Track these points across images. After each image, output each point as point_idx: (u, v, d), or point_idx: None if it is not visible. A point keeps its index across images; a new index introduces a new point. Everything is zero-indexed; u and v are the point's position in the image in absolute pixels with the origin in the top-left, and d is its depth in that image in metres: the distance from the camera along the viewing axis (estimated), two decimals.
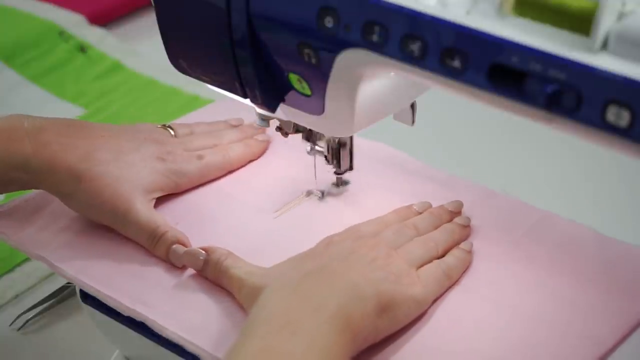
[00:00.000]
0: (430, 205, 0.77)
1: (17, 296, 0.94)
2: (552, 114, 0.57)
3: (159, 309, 0.72)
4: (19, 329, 0.91)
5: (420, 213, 0.76)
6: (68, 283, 0.94)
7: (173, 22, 0.74)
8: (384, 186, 0.81)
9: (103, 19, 1.39)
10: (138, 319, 0.72)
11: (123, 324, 0.78)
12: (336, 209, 0.79)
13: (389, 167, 0.84)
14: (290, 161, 0.84)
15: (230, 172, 0.84)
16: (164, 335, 0.71)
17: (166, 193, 0.80)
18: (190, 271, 0.74)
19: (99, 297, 0.74)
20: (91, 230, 0.79)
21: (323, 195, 0.81)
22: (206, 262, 0.73)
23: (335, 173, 0.80)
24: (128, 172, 0.77)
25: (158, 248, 0.75)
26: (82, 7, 1.38)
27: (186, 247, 0.75)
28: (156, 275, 0.75)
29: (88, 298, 0.80)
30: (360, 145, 0.81)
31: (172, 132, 0.84)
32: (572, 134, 0.58)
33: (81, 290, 0.81)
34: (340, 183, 0.81)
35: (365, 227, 0.74)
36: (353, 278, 0.66)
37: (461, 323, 0.69)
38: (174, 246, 0.75)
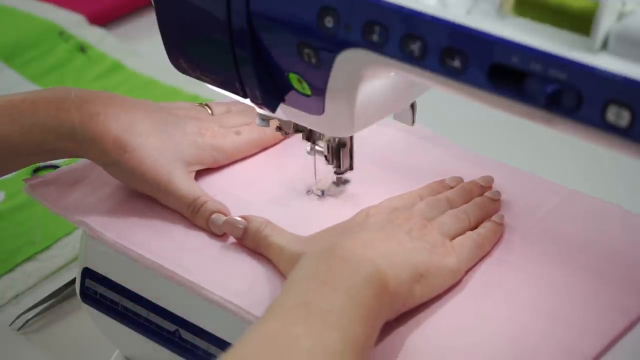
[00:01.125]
0: (462, 180, 0.79)
1: (17, 296, 0.94)
2: (552, 114, 0.57)
3: (199, 273, 0.73)
4: (19, 329, 0.91)
5: (452, 187, 0.78)
6: (68, 283, 0.94)
7: (173, 22, 0.74)
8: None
9: (103, 19, 1.39)
10: (178, 281, 0.73)
11: (123, 324, 0.78)
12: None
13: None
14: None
15: (266, 149, 0.86)
16: (203, 296, 0.72)
17: (205, 167, 0.82)
18: (231, 240, 0.76)
19: (141, 261, 0.75)
20: (132, 200, 0.80)
21: (323, 194, 0.81)
22: (246, 230, 0.74)
23: (335, 173, 0.80)
24: (169, 144, 0.80)
25: (198, 217, 0.77)
26: (82, 7, 1.38)
27: (226, 216, 0.76)
28: (197, 242, 0.76)
29: (88, 298, 0.80)
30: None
31: (210, 111, 0.86)
32: (572, 134, 0.58)
33: (81, 290, 0.81)
34: (340, 182, 0.81)
35: (400, 200, 0.76)
36: (392, 246, 0.68)
37: (494, 292, 0.70)
38: (214, 215, 0.76)
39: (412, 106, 0.76)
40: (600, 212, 0.78)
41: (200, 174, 0.82)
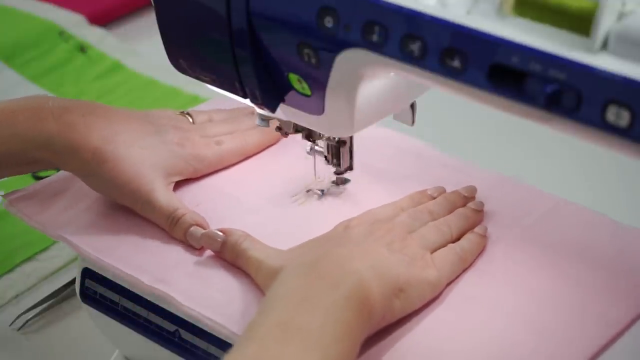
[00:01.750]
0: (444, 190, 0.78)
1: (17, 296, 0.94)
2: (552, 114, 0.57)
3: (178, 287, 0.72)
4: (19, 329, 0.91)
5: (435, 198, 0.77)
6: (68, 283, 0.94)
7: (173, 22, 0.74)
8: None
9: (103, 19, 1.39)
10: (158, 297, 0.73)
11: (123, 324, 0.78)
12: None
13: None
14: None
15: (247, 158, 0.85)
16: (182, 312, 0.71)
17: (185, 178, 0.82)
18: (209, 253, 0.75)
19: (120, 276, 0.75)
20: (112, 212, 0.80)
21: (323, 194, 0.81)
22: (224, 244, 0.74)
23: (335, 173, 0.80)
24: (149, 154, 0.79)
25: (176, 230, 0.76)
26: (82, 7, 1.38)
27: (204, 229, 0.76)
28: (176, 255, 0.76)
29: (88, 298, 0.80)
30: (369, 135, 0.81)
31: (191, 119, 0.85)
32: (572, 134, 0.58)
33: (81, 290, 0.81)
34: (340, 182, 0.81)
35: (381, 211, 0.75)
36: (370, 259, 0.67)
37: (475, 305, 0.70)
38: (192, 228, 0.76)
39: (412, 106, 0.76)
40: (587, 221, 0.76)
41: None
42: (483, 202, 0.77)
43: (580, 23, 0.56)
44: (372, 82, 0.70)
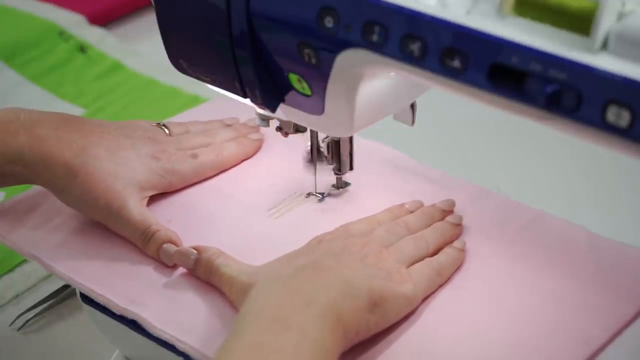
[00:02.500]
0: (422, 204, 0.78)
1: (17, 296, 0.94)
2: (552, 114, 0.57)
3: (151, 308, 0.72)
4: (19, 329, 0.91)
5: (412, 211, 0.77)
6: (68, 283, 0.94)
7: (173, 22, 0.74)
8: (384, 187, 0.81)
9: (103, 19, 1.39)
10: (130, 317, 0.72)
11: (123, 324, 0.78)
12: (336, 210, 0.79)
13: (389, 168, 0.84)
14: (290, 161, 0.84)
15: (224, 171, 0.84)
16: (155, 334, 0.71)
17: (159, 192, 0.81)
18: (182, 270, 0.75)
19: (92, 296, 0.74)
20: (85, 229, 0.79)
21: (323, 197, 0.81)
22: (197, 261, 0.73)
23: (335, 173, 0.80)
24: (123, 168, 0.78)
25: (149, 247, 0.76)
26: (82, 7, 1.38)
27: (177, 246, 0.75)
28: (148, 274, 0.75)
29: (88, 298, 0.80)
30: (360, 145, 0.81)
31: (167, 131, 0.84)
32: (572, 134, 0.58)
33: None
34: (340, 185, 0.81)
35: (357, 225, 0.74)
36: (344, 274, 0.66)
37: (452, 321, 0.69)
38: (165, 245, 0.75)
39: (412, 106, 0.76)
40: (566, 235, 0.75)
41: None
42: (462, 215, 0.76)
43: (580, 23, 0.56)
44: (372, 82, 0.70)
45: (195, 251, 0.73)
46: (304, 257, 0.69)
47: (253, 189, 0.82)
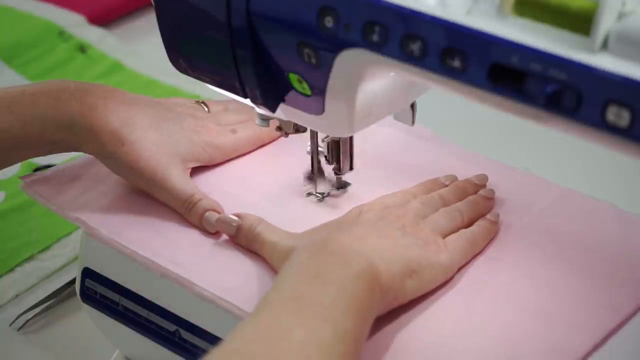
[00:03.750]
0: (456, 178, 0.79)
1: (17, 296, 0.94)
2: (552, 114, 0.57)
3: (191, 270, 0.73)
4: (19, 329, 0.91)
5: (447, 185, 0.78)
6: (68, 283, 0.94)
7: (173, 22, 0.74)
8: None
9: (103, 19, 1.39)
10: (171, 279, 0.73)
11: (123, 324, 0.78)
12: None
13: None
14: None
15: (262, 146, 0.86)
16: (195, 293, 0.72)
17: (200, 164, 0.82)
18: (224, 237, 0.76)
19: (134, 258, 0.75)
20: (128, 197, 0.80)
21: (323, 197, 0.81)
22: (239, 228, 0.74)
23: (335, 173, 0.80)
24: (166, 139, 0.80)
25: (192, 215, 0.77)
26: (82, 7, 1.38)
27: (219, 214, 0.76)
28: (190, 240, 0.76)
29: (88, 298, 0.80)
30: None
31: (206, 108, 0.86)
32: (572, 134, 0.58)
33: (81, 290, 0.81)
34: (341, 185, 0.81)
35: (393, 197, 0.76)
36: (383, 241, 0.68)
37: (485, 290, 0.70)
38: (207, 213, 0.77)
39: (412, 106, 0.76)
40: (594, 210, 0.77)
41: (197, 171, 0.82)
42: (494, 190, 0.78)
43: (580, 23, 0.56)
44: (372, 82, 0.70)
45: (237, 218, 0.75)
46: (345, 224, 0.71)
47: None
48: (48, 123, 0.78)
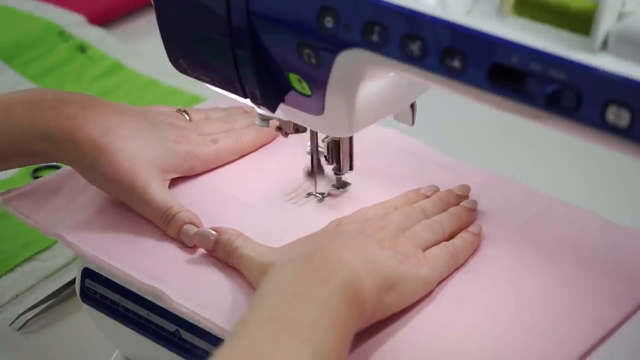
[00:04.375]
0: (438, 189, 0.78)
1: (17, 296, 0.94)
2: (552, 114, 0.57)
3: (171, 284, 0.72)
4: (19, 329, 0.91)
5: (428, 196, 0.78)
6: (68, 283, 0.94)
7: (173, 22, 0.74)
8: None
9: (103, 19, 1.39)
10: (152, 295, 0.73)
11: (123, 324, 0.78)
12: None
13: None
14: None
15: (243, 156, 0.85)
16: (174, 309, 0.71)
17: (180, 175, 0.82)
18: (202, 251, 0.75)
19: (114, 273, 0.75)
20: (107, 209, 0.80)
21: (323, 197, 0.81)
22: (217, 242, 0.74)
23: (335, 173, 0.80)
24: (146, 150, 0.79)
25: (170, 227, 0.76)
26: (82, 7, 1.38)
27: (198, 227, 0.76)
28: (169, 254, 0.76)
29: (88, 298, 0.80)
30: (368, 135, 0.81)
31: (187, 117, 0.86)
32: (572, 134, 0.58)
33: (81, 290, 0.81)
34: (341, 185, 0.81)
35: (374, 209, 0.75)
36: (361, 255, 0.67)
37: (467, 303, 0.70)
38: (185, 226, 0.76)
39: (412, 106, 0.76)
40: (579, 221, 0.76)
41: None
42: (476, 201, 0.77)
43: (580, 23, 0.56)
44: (372, 82, 0.70)
45: (214, 232, 0.74)
46: (322, 238, 0.71)
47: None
48: (24, 133, 0.78)
